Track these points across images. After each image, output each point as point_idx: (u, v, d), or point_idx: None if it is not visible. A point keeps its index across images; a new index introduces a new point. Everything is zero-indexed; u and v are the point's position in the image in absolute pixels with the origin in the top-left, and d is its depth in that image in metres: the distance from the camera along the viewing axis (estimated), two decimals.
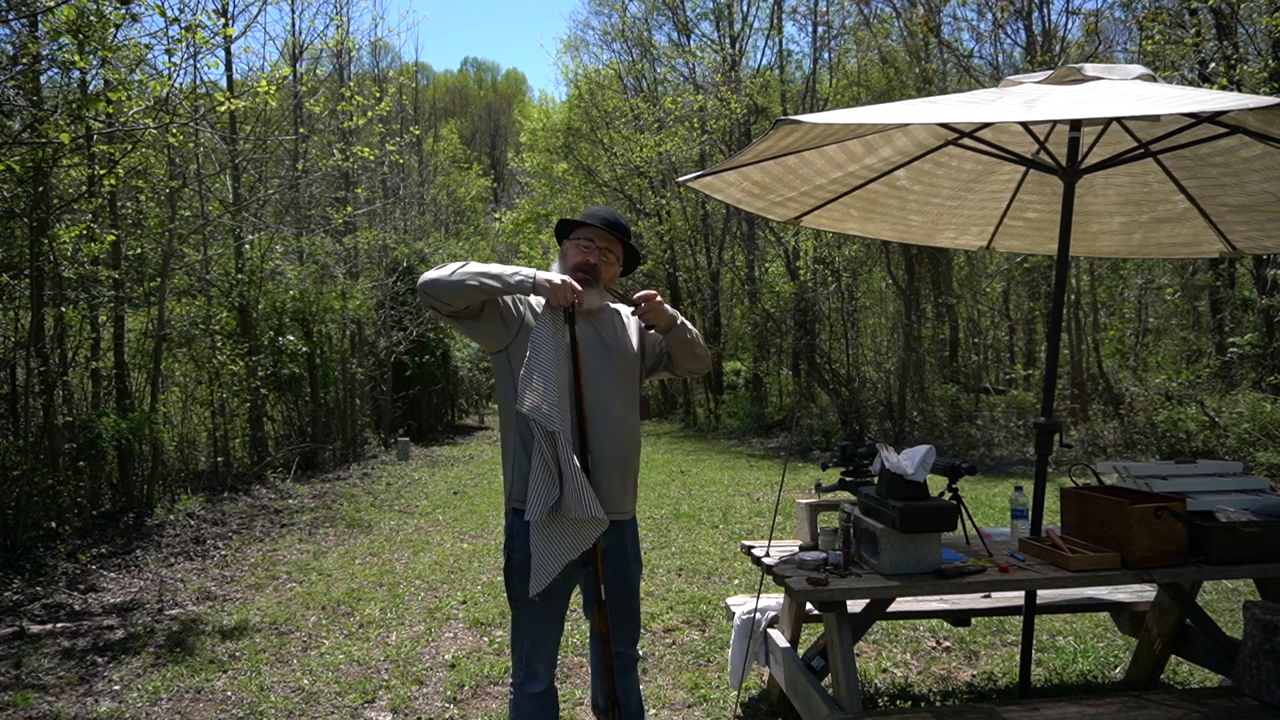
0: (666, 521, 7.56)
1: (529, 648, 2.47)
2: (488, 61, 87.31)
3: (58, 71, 7.02)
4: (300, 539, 7.24)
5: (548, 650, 2.48)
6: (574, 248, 2.49)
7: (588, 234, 2.50)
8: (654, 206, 20.13)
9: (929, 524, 2.50)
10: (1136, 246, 4.11)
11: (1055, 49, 12.84)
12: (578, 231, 2.52)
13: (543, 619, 2.46)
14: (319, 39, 13.48)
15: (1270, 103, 1.98)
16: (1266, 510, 2.72)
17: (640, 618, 2.71)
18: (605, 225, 2.49)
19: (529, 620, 2.46)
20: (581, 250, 2.48)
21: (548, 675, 2.49)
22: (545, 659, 2.48)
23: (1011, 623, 4.45)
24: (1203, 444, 9.20)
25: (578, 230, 2.52)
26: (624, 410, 2.48)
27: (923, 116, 2.39)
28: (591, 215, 2.53)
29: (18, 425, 6.50)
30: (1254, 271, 10.84)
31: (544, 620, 2.46)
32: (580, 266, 2.45)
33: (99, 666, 4.19)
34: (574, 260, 2.47)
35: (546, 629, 2.47)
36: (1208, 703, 2.52)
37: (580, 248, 2.49)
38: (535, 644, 2.46)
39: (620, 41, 22.51)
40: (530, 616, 2.46)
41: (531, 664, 2.47)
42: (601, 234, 2.49)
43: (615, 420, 2.44)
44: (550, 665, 2.50)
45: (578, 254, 2.47)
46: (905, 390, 13.99)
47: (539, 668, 2.47)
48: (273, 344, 10.38)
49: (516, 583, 2.44)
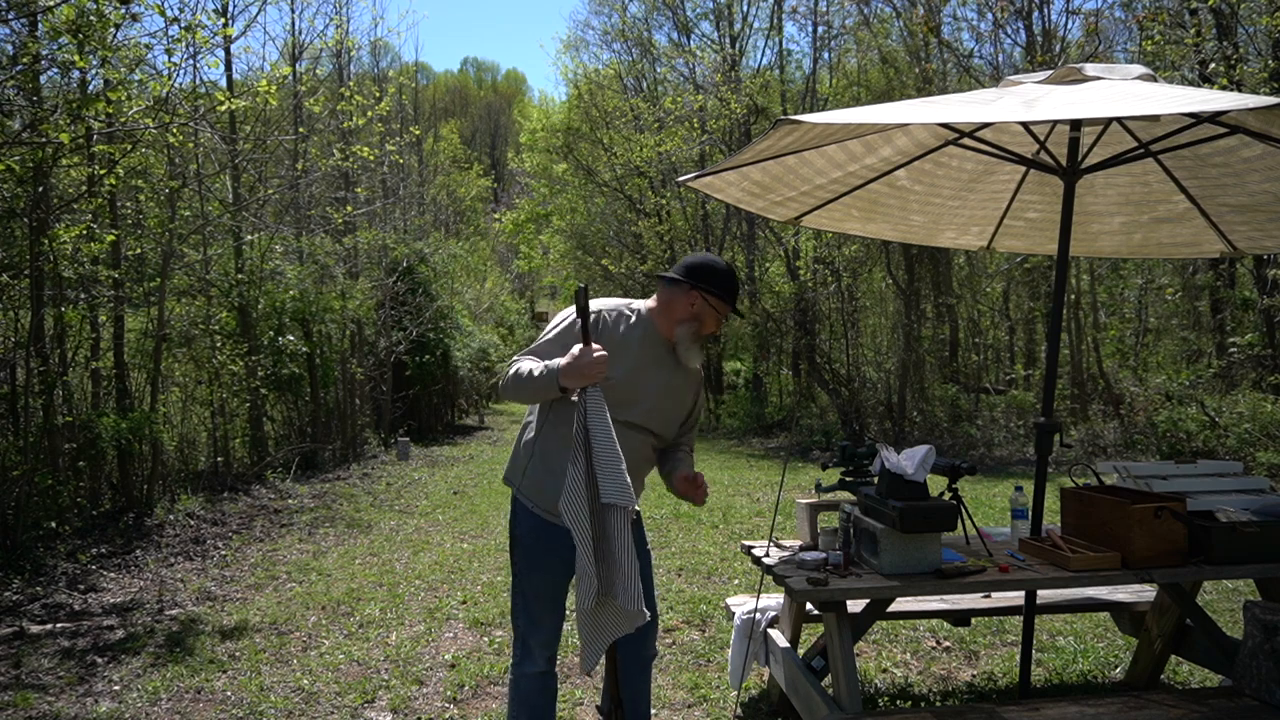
0: (666, 521, 7.56)
1: (524, 624, 2.54)
2: (488, 61, 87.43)
3: (58, 71, 7.02)
4: (300, 539, 7.24)
5: (543, 631, 2.53)
6: (712, 316, 2.50)
7: (721, 307, 2.50)
8: (654, 206, 20.13)
9: (929, 524, 2.50)
10: (1137, 246, 4.11)
11: (1055, 49, 12.85)
12: (714, 299, 2.48)
13: (537, 594, 2.52)
14: (319, 39, 13.48)
15: (1270, 103, 1.98)
16: (1266, 510, 2.72)
17: (658, 611, 2.76)
18: (733, 301, 2.52)
19: (524, 595, 2.54)
20: (717, 321, 2.52)
21: (543, 656, 2.53)
22: (541, 640, 2.53)
23: (1011, 623, 4.45)
24: (1203, 444, 9.20)
25: (713, 296, 2.48)
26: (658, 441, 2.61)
27: (923, 116, 2.38)
28: (730, 288, 2.51)
29: (18, 425, 6.50)
30: (1254, 271, 10.83)
31: (539, 596, 2.52)
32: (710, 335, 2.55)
33: (99, 666, 4.19)
34: (710, 329, 2.52)
35: (541, 607, 2.52)
36: (1208, 703, 2.52)
37: (717, 319, 2.52)
38: (530, 621, 2.53)
39: (620, 41, 22.52)
40: (526, 592, 2.54)
41: (527, 641, 2.53)
42: (727, 308, 2.52)
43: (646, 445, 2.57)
44: (546, 648, 2.54)
45: (714, 324, 2.52)
46: (905, 390, 13.99)
47: (534, 646, 2.52)
48: (273, 344, 10.38)
49: (519, 556, 2.54)
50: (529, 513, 2.51)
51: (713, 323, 2.51)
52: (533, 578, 2.52)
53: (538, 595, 2.52)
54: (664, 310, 2.52)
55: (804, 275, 15.84)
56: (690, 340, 2.49)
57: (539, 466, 2.48)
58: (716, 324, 2.52)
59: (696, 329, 2.49)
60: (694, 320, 2.48)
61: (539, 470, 2.48)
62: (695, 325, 2.49)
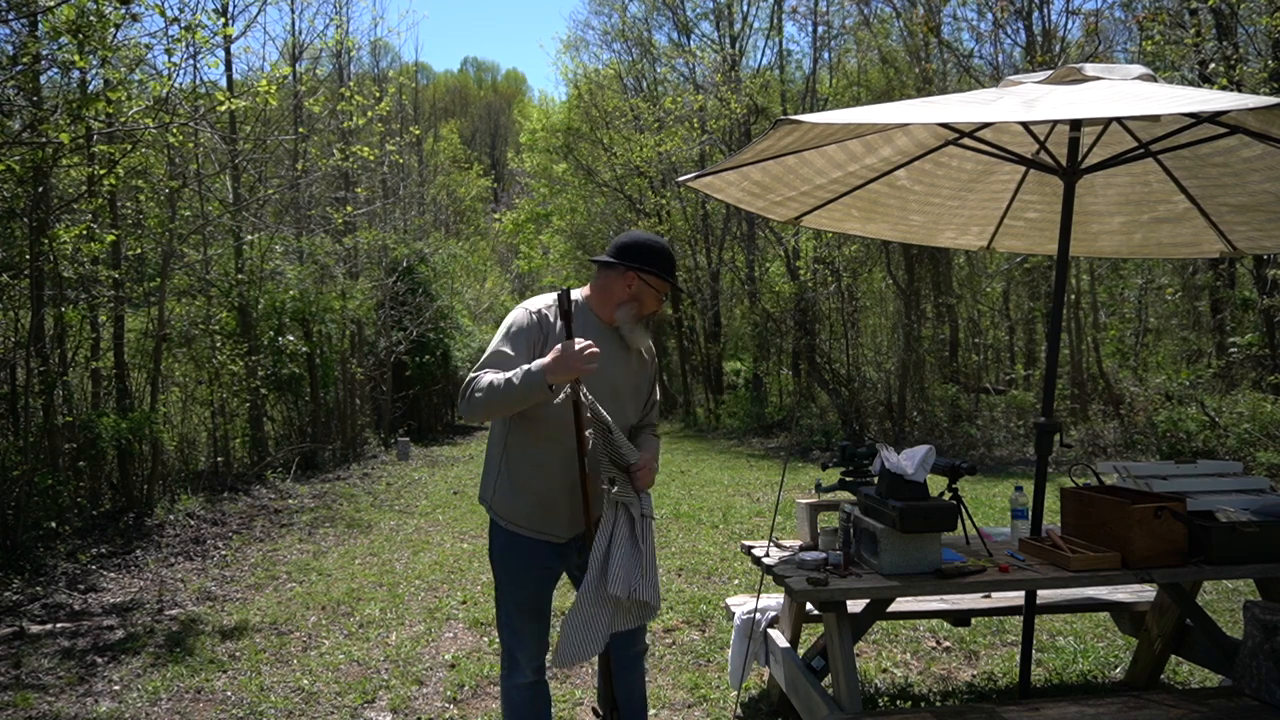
0: (666, 521, 7.56)
1: (508, 637, 2.55)
2: (488, 61, 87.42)
3: (58, 71, 7.03)
4: (300, 539, 7.24)
5: (528, 643, 2.53)
6: (651, 295, 2.47)
7: (660, 285, 2.47)
8: (654, 206, 20.13)
9: (929, 524, 2.50)
10: (1136, 246, 4.11)
11: (1055, 49, 12.84)
12: (651, 277, 2.45)
13: (519, 608, 2.52)
14: (319, 39, 13.48)
15: (1270, 103, 1.98)
16: (1266, 510, 2.72)
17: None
18: (671, 278, 2.49)
19: (506, 610, 2.54)
20: (657, 300, 2.49)
21: (530, 667, 2.53)
22: (526, 651, 2.53)
23: (1011, 623, 4.45)
24: (1203, 444, 9.20)
25: (650, 274, 2.45)
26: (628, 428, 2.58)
27: (923, 116, 2.38)
28: (666, 265, 2.47)
29: (18, 425, 6.50)
30: (1254, 271, 10.83)
31: (521, 609, 2.52)
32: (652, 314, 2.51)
33: (99, 666, 4.19)
34: (651, 308, 2.48)
35: (523, 619, 2.52)
36: (1208, 703, 2.52)
37: (656, 297, 2.48)
38: (514, 634, 2.53)
39: (620, 41, 22.52)
40: (508, 606, 2.53)
41: (512, 654, 2.54)
42: (666, 285, 2.49)
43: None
44: (532, 658, 2.54)
45: (654, 303, 2.48)
46: (905, 390, 13.99)
47: (520, 659, 2.53)
48: (273, 344, 10.38)
49: (498, 571, 2.55)
50: (501, 529, 2.52)
51: (652, 301, 2.47)
52: (513, 592, 2.52)
53: (520, 609, 2.52)
54: (601, 295, 2.48)
55: (804, 275, 15.84)
56: (632, 321, 2.45)
57: (505, 482, 2.49)
58: (657, 302, 2.48)
59: (637, 310, 2.45)
60: (633, 301, 2.44)
61: (505, 486, 2.49)
62: (635, 306, 2.45)
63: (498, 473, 2.51)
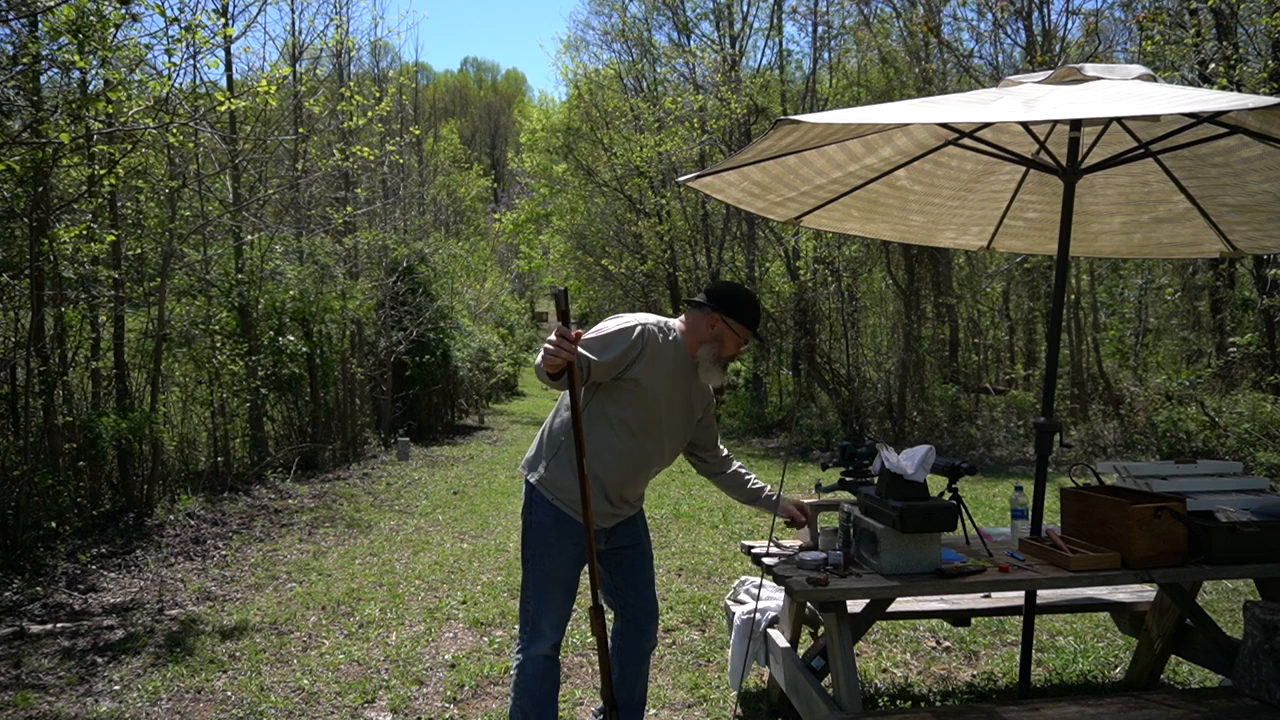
0: (666, 521, 7.56)
1: (535, 607, 2.62)
2: (488, 61, 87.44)
3: (58, 71, 7.01)
4: (300, 539, 7.24)
5: (554, 614, 2.62)
6: (732, 339, 2.70)
7: (742, 331, 2.70)
8: (654, 206, 20.12)
9: (929, 524, 2.50)
10: (1136, 246, 4.11)
11: (1055, 49, 12.85)
12: (735, 323, 2.67)
13: (552, 578, 2.61)
14: (319, 39, 13.46)
15: (1270, 103, 1.98)
16: (1266, 510, 2.72)
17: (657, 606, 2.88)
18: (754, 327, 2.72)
19: (536, 581, 2.63)
20: (737, 344, 2.73)
21: (552, 639, 2.62)
22: (551, 619, 2.62)
23: (1011, 623, 4.45)
24: (1203, 444, 9.20)
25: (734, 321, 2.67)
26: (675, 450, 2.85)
27: (923, 116, 2.39)
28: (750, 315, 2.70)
29: (18, 425, 6.50)
30: (1254, 271, 10.82)
31: (554, 579, 2.62)
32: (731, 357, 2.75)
33: (99, 666, 4.19)
34: (730, 351, 2.71)
35: (552, 591, 2.62)
36: (1208, 703, 2.52)
37: (737, 341, 2.72)
38: (541, 604, 2.62)
39: (620, 41, 22.50)
40: (538, 577, 2.62)
41: (538, 622, 2.61)
42: (748, 333, 2.72)
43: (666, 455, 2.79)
44: (556, 630, 2.63)
45: (734, 347, 2.72)
46: (905, 390, 13.99)
47: (544, 627, 2.61)
48: (273, 344, 10.37)
49: (534, 542, 2.63)
50: (548, 503, 2.62)
51: (732, 345, 2.70)
52: (548, 564, 2.61)
53: (553, 578, 2.62)
54: (690, 331, 2.72)
55: (804, 275, 15.83)
56: (711, 360, 2.68)
57: (563, 461, 2.59)
58: (736, 346, 2.71)
59: (717, 350, 2.68)
60: (715, 341, 2.68)
61: (563, 464, 2.59)
62: (716, 346, 2.68)
63: (555, 448, 2.63)
